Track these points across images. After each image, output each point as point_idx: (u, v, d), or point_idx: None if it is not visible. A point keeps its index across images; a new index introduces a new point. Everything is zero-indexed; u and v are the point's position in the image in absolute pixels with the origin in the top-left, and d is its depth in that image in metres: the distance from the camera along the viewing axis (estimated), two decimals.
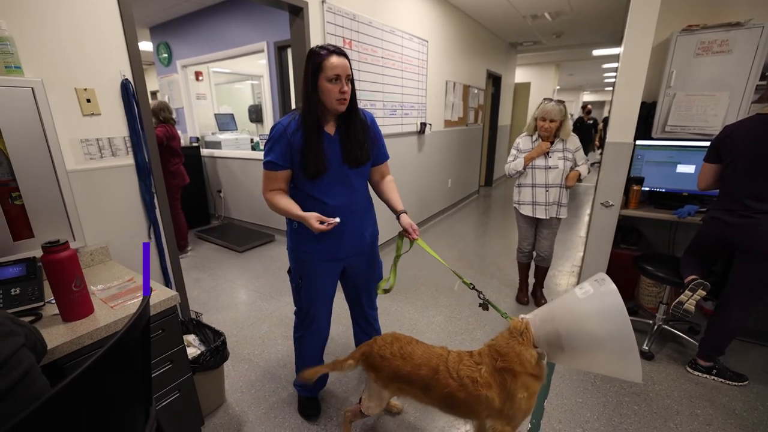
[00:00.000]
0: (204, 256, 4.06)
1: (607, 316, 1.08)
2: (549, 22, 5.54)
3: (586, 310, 1.13)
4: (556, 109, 2.48)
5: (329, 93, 1.39)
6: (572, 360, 1.19)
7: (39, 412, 0.58)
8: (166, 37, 5.43)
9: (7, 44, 1.37)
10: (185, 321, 2.01)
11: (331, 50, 1.38)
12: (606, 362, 1.12)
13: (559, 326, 1.17)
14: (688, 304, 1.98)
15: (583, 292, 1.16)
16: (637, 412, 1.91)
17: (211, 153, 5.09)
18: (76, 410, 0.67)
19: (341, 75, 1.37)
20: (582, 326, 1.13)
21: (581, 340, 1.13)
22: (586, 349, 1.13)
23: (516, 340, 1.25)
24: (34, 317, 1.25)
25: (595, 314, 1.11)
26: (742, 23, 2.36)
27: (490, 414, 1.28)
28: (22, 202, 1.47)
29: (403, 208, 1.67)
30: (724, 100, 2.47)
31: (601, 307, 1.11)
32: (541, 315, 1.26)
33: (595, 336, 1.10)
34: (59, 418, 0.63)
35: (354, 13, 3.19)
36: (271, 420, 1.87)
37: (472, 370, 1.28)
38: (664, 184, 2.70)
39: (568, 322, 1.16)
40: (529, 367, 1.22)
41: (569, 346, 1.16)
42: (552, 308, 1.24)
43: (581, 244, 4.22)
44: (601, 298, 1.11)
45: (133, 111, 1.79)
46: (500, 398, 1.25)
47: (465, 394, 1.27)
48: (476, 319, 2.75)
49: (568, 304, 1.19)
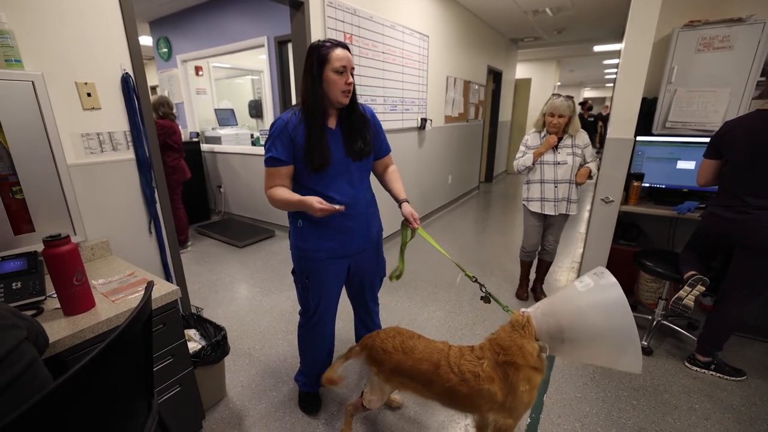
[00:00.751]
0: (204, 251, 4.07)
1: (609, 308, 1.10)
2: (550, 17, 5.52)
3: (587, 302, 1.15)
4: (564, 105, 2.47)
5: (335, 84, 1.39)
6: (574, 352, 1.21)
7: (41, 405, 0.58)
8: (166, 31, 5.41)
9: (8, 38, 1.37)
10: (186, 315, 2.02)
11: (335, 43, 1.39)
12: (607, 354, 1.14)
13: (560, 319, 1.19)
14: (687, 300, 1.99)
15: (584, 285, 1.18)
16: (635, 406, 1.92)
17: (211, 148, 5.08)
18: (78, 403, 0.68)
19: (347, 66, 1.38)
20: (583, 318, 1.14)
21: (583, 332, 1.15)
22: (587, 341, 1.15)
23: (518, 334, 1.26)
24: (35, 311, 1.25)
25: (596, 306, 1.13)
26: (744, 19, 2.35)
27: (492, 408, 1.29)
28: (23, 196, 1.47)
29: (406, 197, 1.67)
30: (725, 96, 2.46)
31: (601, 299, 1.13)
32: (543, 308, 1.27)
33: (597, 328, 1.12)
34: (61, 410, 0.63)
35: (355, 7, 3.18)
36: (271, 414, 1.88)
37: (474, 365, 1.29)
38: (665, 181, 2.70)
39: (569, 315, 1.18)
40: (531, 360, 1.23)
41: (571, 338, 1.17)
42: (553, 301, 1.26)
43: (581, 240, 4.23)
44: (602, 291, 1.13)
45: (133, 105, 1.78)
46: (502, 392, 1.26)
47: (467, 388, 1.28)
48: (476, 314, 2.75)
49: (569, 297, 1.20)
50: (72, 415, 0.67)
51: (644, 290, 2.80)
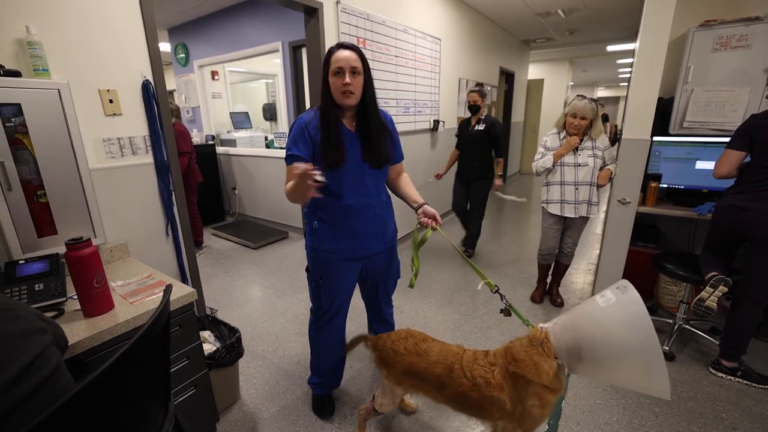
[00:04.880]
0: (218, 253, 4.11)
1: (630, 326, 1.03)
2: (562, 18, 5.47)
3: (608, 319, 1.07)
4: (588, 107, 2.45)
5: (334, 86, 1.41)
6: (594, 372, 1.13)
7: (65, 408, 0.58)
8: (183, 37, 5.51)
9: (36, 48, 1.42)
10: (201, 317, 2.04)
11: (339, 45, 1.41)
12: (629, 375, 1.06)
13: (578, 336, 1.12)
14: (710, 301, 1.93)
15: (605, 300, 1.10)
16: (658, 414, 1.87)
17: (226, 151, 5.16)
18: (98, 406, 0.68)
19: (344, 68, 1.38)
20: (603, 336, 1.07)
21: (603, 350, 1.07)
22: (608, 361, 1.08)
23: (536, 350, 1.20)
24: (56, 312, 1.28)
25: (617, 324, 1.05)
26: (762, 18, 2.32)
27: (502, 416, 1.27)
28: (47, 200, 1.50)
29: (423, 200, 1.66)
30: (744, 96, 2.42)
31: (623, 317, 1.05)
32: (561, 324, 1.20)
33: (617, 347, 1.05)
34: (81, 413, 0.64)
35: (368, 12, 3.20)
36: (285, 418, 1.88)
37: (486, 371, 1.26)
38: (683, 181, 2.65)
39: (588, 332, 1.10)
40: (545, 378, 1.17)
41: (590, 357, 1.10)
42: (572, 317, 1.18)
43: (597, 241, 4.16)
44: (624, 307, 1.05)
45: (153, 110, 1.82)
46: (511, 402, 1.22)
47: (477, 394, 1.26)
48: (491, 318, 2.72)
49: (589, 313, 1.13)
50: (91, 418, 0.67)
51: (664, 293, 2.74)
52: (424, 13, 4.04)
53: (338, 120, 1.47)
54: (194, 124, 5.77)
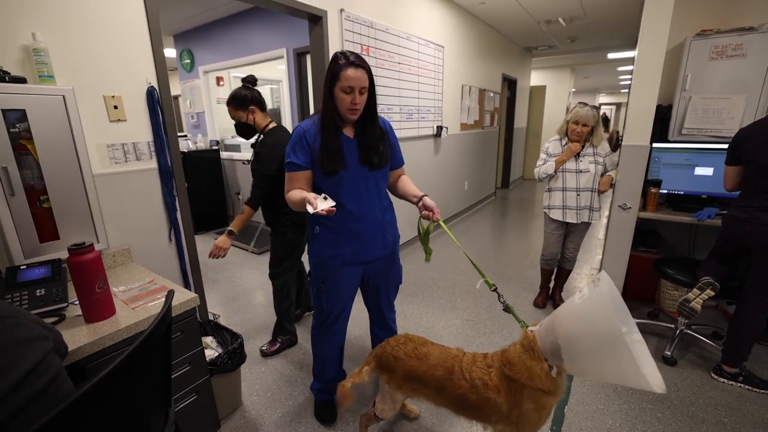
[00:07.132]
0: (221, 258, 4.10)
1: (598, 318, 0.97)
2: (563, 27, 5.50)
3: (582, 314, 1.03)
4: (590, 114, 2.48)
5: (342, 102, 1.42)
6: (579, 370, 1.10)
7: (64, 414, 0.58)
8: (189, 44, 5.56)
9: (42, 55, 1.44)
10: (203, 323, 2.04)
11: (351, 61, 1.39)
12: (611, 370, 1.00)
13: (558, 334, 1.09)
14: (695, 303, 1.98)
15: (581, 296, 1.06)
16: (661, 419, 1.86)
17: (230, 156, 5.20)
18: (97, 413, 0.68)
19: (355, 87, 1.39)
20: (578, 331, 1.04)
21: (581, 346, 1.04)
22: (587, 357, 1.03)
23: (528, 354, 1.19)
24: (57, 318, 1.28)
25: (590, 318, 1.00)
26: (756, 27, 2.36)
27: (499, 419, 1.27)
28: (50, 205, 1.51)
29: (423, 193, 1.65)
30: (741, 103, 2.46)
31: (594, 309, 0.99)
32: (545, 325, 1.18)
33: (593, 342, 1.00)
34: (80, 420, 0.63)
35: (371, 20, 3.23)
36: (287, 424, 1.87)
37: (484, 373, 1.27)
38: (683, 187, 2.68)
39: (566, 329, 1.08)
40: (538, 382, 1.16)
41: (569, 355, 1.07)
42: (553, 317, 1.15)
43: (600, 246, 4.15)
44: (595, 300, 1.00)
45: (157, 117, 1.84)
46: (508, 404, 1.22)
47: (476, 396, 1.26)
48: (494, 322, 2.71)
49: (567, 311, 1.10)
50: (91, 424, 0.67)
51: (666, 298, 2.73)
52: (427, 21, 4.08)
53: (338, 130, 1.49)
54: (199, 129, 5.80)
